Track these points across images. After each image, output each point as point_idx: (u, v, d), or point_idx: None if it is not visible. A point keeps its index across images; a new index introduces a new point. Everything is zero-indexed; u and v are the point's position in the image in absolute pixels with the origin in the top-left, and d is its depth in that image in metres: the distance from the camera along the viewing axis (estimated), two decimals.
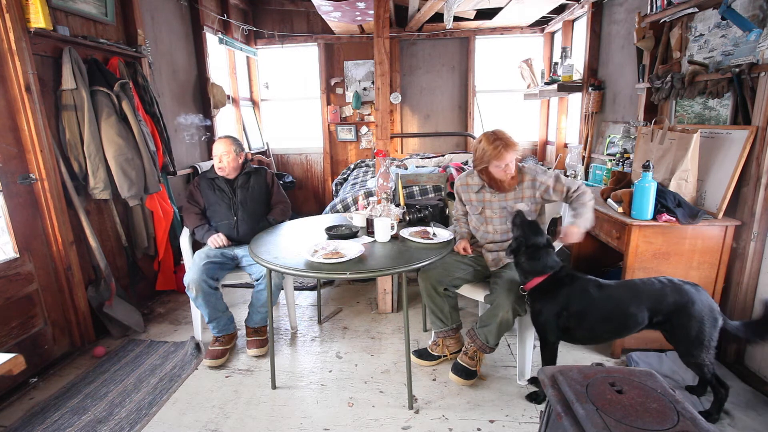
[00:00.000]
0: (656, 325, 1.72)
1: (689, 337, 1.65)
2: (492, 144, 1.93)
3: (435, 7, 3.96)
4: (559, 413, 1.10)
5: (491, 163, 1.96)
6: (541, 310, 1.81)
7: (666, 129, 2.26)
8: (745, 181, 1.99)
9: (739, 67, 1.96)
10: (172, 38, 3.52)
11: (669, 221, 2.02)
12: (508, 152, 1.93)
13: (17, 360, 1.09)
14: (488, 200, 2.12)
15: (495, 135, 1.96)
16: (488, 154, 1.95)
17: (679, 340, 1.68)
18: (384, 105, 2.70)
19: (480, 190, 2.13)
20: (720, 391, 1.72)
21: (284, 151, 5.45)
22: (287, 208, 2.63)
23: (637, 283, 1.74)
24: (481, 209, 2.15)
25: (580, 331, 1.79)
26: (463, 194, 2.21)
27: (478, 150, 2.00)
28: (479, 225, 2.18)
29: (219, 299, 2.31)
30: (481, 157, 1.99)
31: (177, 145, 3.49)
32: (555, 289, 1.79)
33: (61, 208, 2.31)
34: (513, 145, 1.94)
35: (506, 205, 2.08)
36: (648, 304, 1.68)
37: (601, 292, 1.75)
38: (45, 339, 2.26)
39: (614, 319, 1.73)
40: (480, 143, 2.00)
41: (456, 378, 2.03)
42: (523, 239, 1.83)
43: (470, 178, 2.17)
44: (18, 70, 2.10)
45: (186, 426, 1.85)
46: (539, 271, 1.81)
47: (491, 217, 2.13)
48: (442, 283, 2.08)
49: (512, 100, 5.10)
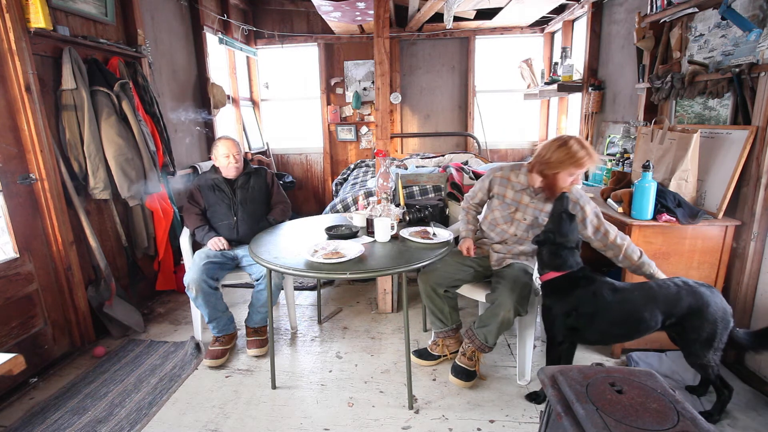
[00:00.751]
0: (668, 327, 1.70)
1: (700, 338, 1.63)
2: (576, 152, 1.81)
3: (435, 7, 3.96)
4: (559, 413, 1.10)
5: (567, 170, 1.83)
6: (551, 307, 1.79)
7: (666, 129, 2.25)
8: (745, 181, 1.99)
9: (739, 67, 1.96)
10: (172, 38, 3.52)
11: (669, 221, 2.02)
12: (590, 162, 1.84)
13: (17, 360, 1.09)
14: (524, 203, 2.02)
15: (580, 143, 1.83)
16: (568, 161, 1.82)
17: (689, 341, 1.67)
18: (384, 105, 2.70)
19: (521, 190, 2.02)
20: (723, 392, 1.72)
21: (284, 151, 5.45)
22: (287, 208, 2.63)
23: (653, 287, 1.70)
24: (514, 209, 2.05)
25: (590, 333, 1.77)
26: (499, 188, 2.08)
27: (555, 153, 1.84)
28: (502, 223, 2.09)
29: (219, 299, 2.31)
30: (558, 161, 1.83)
31: (177, 145, 3.49)
32: (569, 288, 1.76)
33: (61, 208, 2.31)
34: (595, 155, 1.85)
35: (540, 215, 2.01)
36: (663, 308, 1.66)
37: (616, 296, 1.71)
38: (45, 339, 2.26)
39: (627, 324, 1.70)
40: (559, 147, 1.84)
41: (456, 380, 2.02)
42: (553, 236, 1.77)
43: (515, 174, 2.04)
44: (18, 70, 2.10)
45: (186, 426, 1.85)
46: (557, 266, 1.78)
47: (520, 220, 2.05)
48: (441, 285, 2.06)
49: (512, 100, 5.10)
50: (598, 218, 1.91)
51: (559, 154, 1.84)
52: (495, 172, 2.11)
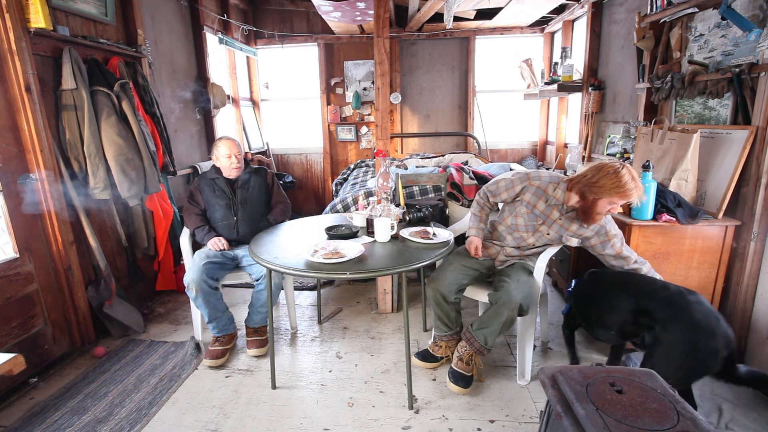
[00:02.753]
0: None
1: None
2: (626, 183, 1.75)
3: (435, 7, 3.96)
4: (559, 413, 1.10)
5: (610, 197, 1.79)
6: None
7: (666, 129, 2.26)
8: (745, 181, 1.99)
9: (739, 67, 1.96)
10: (172, 38, 3.52)
11: (669, 221, 2.02)
12: (636, 197, 1.78)
13: (17, 360, 1.09)
14: (553, 218, 1.99)
15: (632, 175, 1.78)
16: (614, 189, 1.76)
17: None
18: (384, 105, 2.70)
19: (554, 205, 1.98)
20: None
21: (284, 151, 5.45)
22: (287, 208, 2.63)
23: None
24: (541, 222, 2.02)
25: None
26: (532, 197, 2.01)
27: (603, 179, 1.78)
28: (523, 231, 2.06)
29: (219, 299, 2.31)
30: (603, 187, 1.78)
31: (177, 145, 3.49)
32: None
33: (61, 208, 2.31)
34: (642, 190, 1.81)
35: (564, 233, 2.00)
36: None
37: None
38: (45, 339, 2.26)
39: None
40: (609, 173, 1.78)
41: (456, 387, 1.99)
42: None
43: (553, 188, 1.98)
44: (18, 70, 2.10)
45: (186, 426, 1.85)
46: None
47: (543, 234, 2.03)
48: (452, 292, 2.03)
49: (512, 100, 5.09)
50: (622, 243, 1.94)
51: (608, 180, 1.78)
52: (532, 180, 2.02)
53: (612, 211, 1.86)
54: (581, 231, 1.97)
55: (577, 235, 1.99)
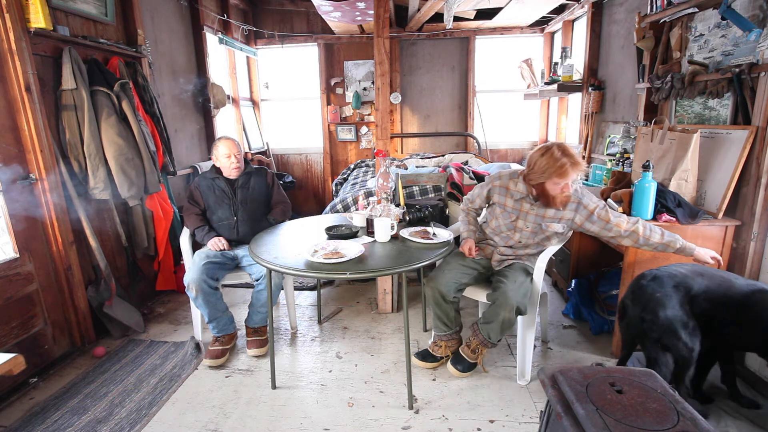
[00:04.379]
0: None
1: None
2: (558, 160, 1.79)
3: (435, 7, 3.96)
4: (559, 413, 1.10)
5: (551, 179, 1.83)
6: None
7: (666, 129, 2.26)
8: (745, 181, 1.99)
9: (739, 67, 1.96)
10: (172, 38, 3.52)
11: (669, 221, 2.02)
12: (574, 171, 1.80)
13: (17, 360, 1.09)
14: (525, 211, 2.01)
15: (563, 151, 1.80)
16: (551, 170, 1.80)
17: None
18: (384, 105, 2.70)
19: (520, 198, 2.01)
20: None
21: (284, 151, 5.45)
22: (287, 208, 2.63)
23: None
24: (515, 218, 2.04)
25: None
26: (498, 197, 2.07)
27: (538, 162, 1.85)
28: (506, 230, 2.08)
29: (219, 299, 2.31)
30: (541, 170, 1.83)
31: (177, 145, 3.49)
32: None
33: (61, 208, 2.31)
34: (580, 164, 1.80)
35: (542, 221, 1.99)
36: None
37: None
38: (45, 339, 2.26)
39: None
40: (543, 155, 1.83)
41: (453, 369, 2.00)
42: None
43: (514, 183, 2.03)
44: (18, 70, 2.10)
45: (186, 426, 1.85)
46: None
47: (522, 228, 2.04)
48: (450, 291, 2.04)
49: (512, 100, 5.09)
50: (606, 211, 1.90)
51: (542, 162, 1.83)
52: (494, 181, 2.09)
53: (564, 190, 1.86)
54: (560, 214, 1.97)
55: (557, 219, 1.97)
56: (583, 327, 2.57)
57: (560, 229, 1.99)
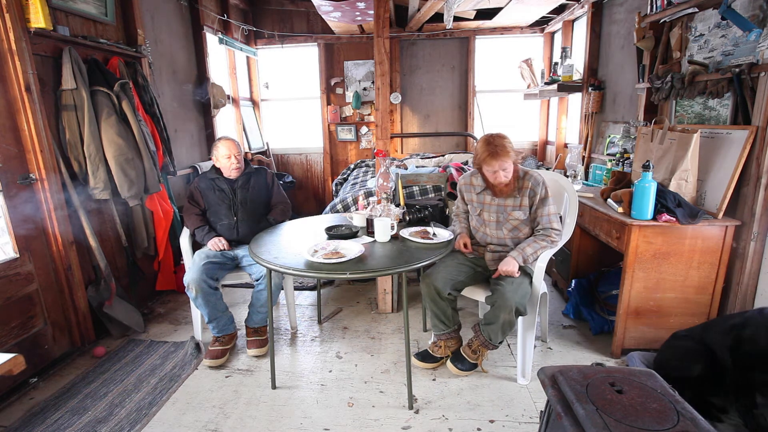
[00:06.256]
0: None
1: None
2: (484, 148, 1.93)
3: (435, 7, 3.96)
4: (559, 413, 1.10)
5: (482, 166, 1.98)
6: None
7: (666, 129, 2.25)
8: (745, 181, 1.99)
9: (739, 67, 1.96)
10: (172, 38, 3.52)
11: (669, 221, 2.02)
12: (495, 160, 1.90)
13: (17, 360, 1.09)
14: (487, 203, 2.12)
15: (489, 139, 1.93)
16: (479, 157, 1.96)
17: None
18: (384, 105, 2.70)
19: (482, 191, 2.13)
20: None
21: (284, 151, 5.45)
22: (287, 208, 2.63)
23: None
24: (480, 211, 2.15)
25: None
26: (466, 193, 2.22)
27: (476, 151, 2.01)
28: (479, 226, 2.18)
29: (219, 299, 2.31)
30: (475, 159, 2.01)
31: (177, 145, 3.49)
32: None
33: (61, 208, 2.31)
34: (502, 153, 1.88)
35: (503, 210, 2.07)
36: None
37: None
38: (45, 339, 2.26)
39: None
40: (477, 144, 1.99)
41: (452, 367, 2.02)
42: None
43: (474, 178, 2.17)
44: (18, 70, 2.09)
45: (186, 426, 1.85)
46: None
47: (489, 220, 2.12)
48: (445, 288, 2.05)
49: (512, 100, 5.09)
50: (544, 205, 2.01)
51: (476, 151, 1.98)
52: (462, 181, 2.22)
53: (496, 177, 1.96)
54: (518, 201, 2.04)
55: (517, 206, 2.04)
56: (583, 327, 2.57)
57: (522, 216, 2.05)
